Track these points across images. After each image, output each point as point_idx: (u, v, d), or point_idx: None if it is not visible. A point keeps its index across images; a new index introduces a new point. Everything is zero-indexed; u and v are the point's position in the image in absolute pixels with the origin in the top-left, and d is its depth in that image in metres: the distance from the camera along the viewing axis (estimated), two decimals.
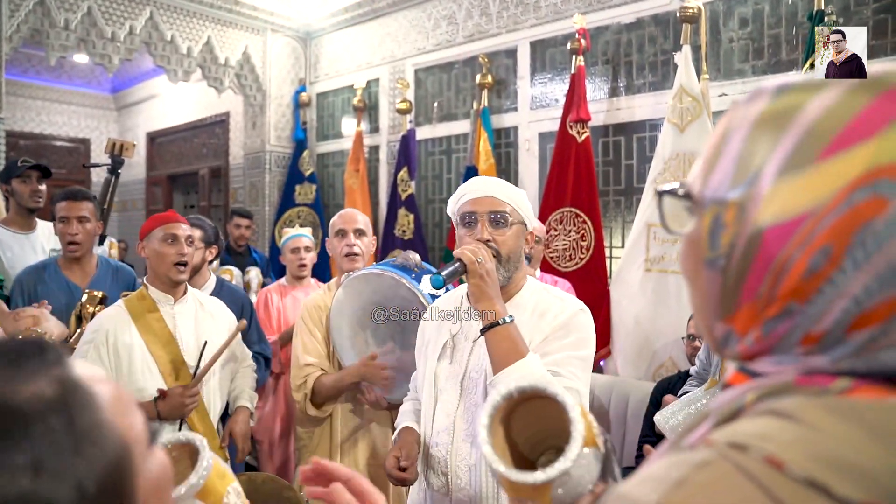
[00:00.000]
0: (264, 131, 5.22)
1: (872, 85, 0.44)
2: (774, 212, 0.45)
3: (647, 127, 3.41)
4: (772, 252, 0.45)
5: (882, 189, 0.41)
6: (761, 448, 0.41)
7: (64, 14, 4.09)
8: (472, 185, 1.51)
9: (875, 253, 0.42)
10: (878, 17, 2.69)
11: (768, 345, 0.48)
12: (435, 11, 4.39)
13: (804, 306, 0.45)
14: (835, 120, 0.44)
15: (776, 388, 0.46)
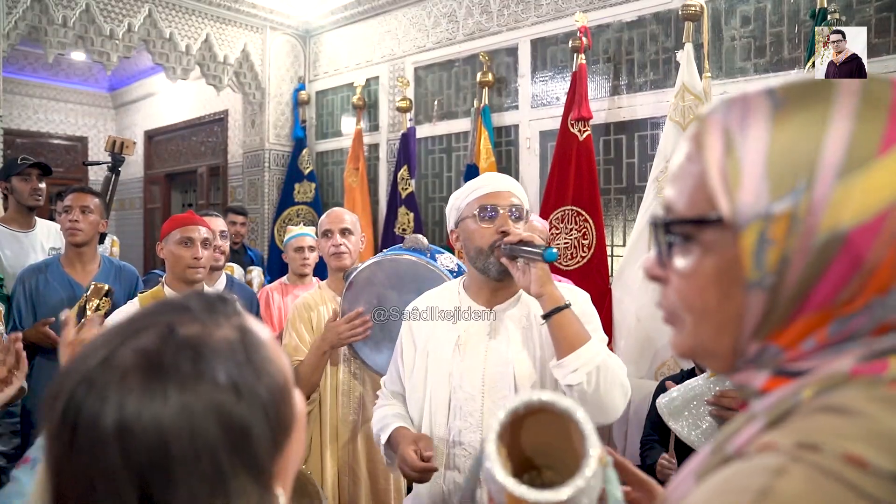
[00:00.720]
0: (263, 129, 5.21)
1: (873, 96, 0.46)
2: (854, 212, 0.44)
3: (648, 125, 3.40)
4: (861, 252, 0.44)
5: None
6: (835, 446, 0.40)
7: (62, 11, 4.07)
8: (488, 180, 1.52)
9: None
10: (880, 15, 2.69)
11: (834, 341, 0.47)
12: (435, 9, 4.38)
13: (884, 297, 0.45)
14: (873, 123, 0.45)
15: (831, 380, 0.45)
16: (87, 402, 0.51)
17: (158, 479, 0.50)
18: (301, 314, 2.27)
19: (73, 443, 0.51)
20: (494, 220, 1.46)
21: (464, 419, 1.46)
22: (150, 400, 0.51)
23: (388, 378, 1.68)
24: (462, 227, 1.52)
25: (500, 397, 1.43)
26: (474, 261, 1.49)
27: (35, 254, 2.99)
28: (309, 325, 2.26)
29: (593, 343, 1.35)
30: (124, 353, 0.53)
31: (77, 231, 2.53)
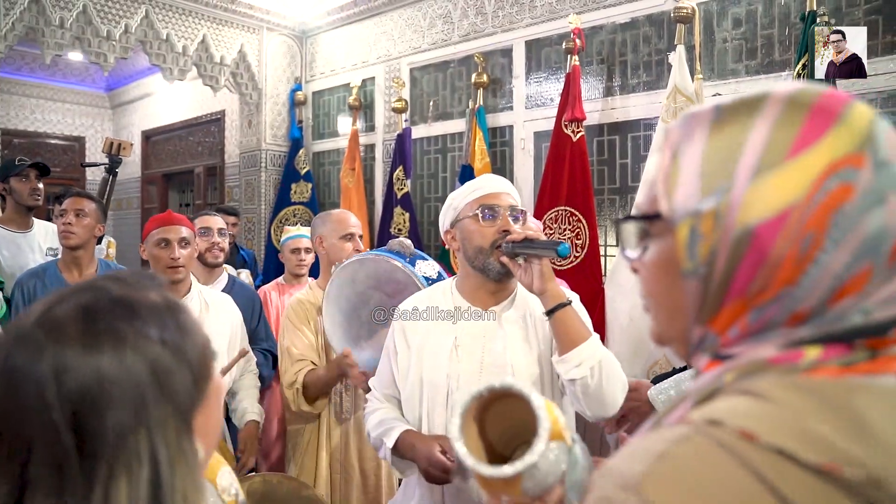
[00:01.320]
0: (260, 130, 5.23)
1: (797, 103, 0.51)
2: (760, 209, 0.50)
3: (641, 126, 3.43)
4: (765, 246, 0.49)
5: (847, 176, 0.48)
6: (734, 423, 0.46)
7: (59, 12, 4.08)
8: (488, 181, 1.55)
9: (849, 232, 0.48)
10: (869, 17, 2.72)
11: (755, 330, 0.52)
12: (430, 10, 4.40)
13: (793, 288, 0.49)
14: (789, 129, 0.50)
15: (752, 366, 0.50)
16: (25, 349, 0.58)
17: (90, 410, 0.57)
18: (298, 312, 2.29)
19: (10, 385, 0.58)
20: (495, 220, 1.48)
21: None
22: (85, 344, 0.59)
23: (378, 381, 1.67)
24: (459, 227, 1.53)
25: None
26: (473, 260, 1.51)
27: (33, 255, 3.01)
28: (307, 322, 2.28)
29: (594, 339, 1.39)
30: (61, 308, 0.61)
31: (71, 234, 2.54)
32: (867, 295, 0.49)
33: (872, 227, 0.48)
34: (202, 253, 2.70)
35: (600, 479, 0.49)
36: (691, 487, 0.44)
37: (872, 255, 0.48)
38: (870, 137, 0.49)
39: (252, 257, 4.66)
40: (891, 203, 0.48)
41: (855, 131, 0.49)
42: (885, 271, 0.48)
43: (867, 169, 0.48)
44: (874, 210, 0.48)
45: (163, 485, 0.59)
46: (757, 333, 0.52)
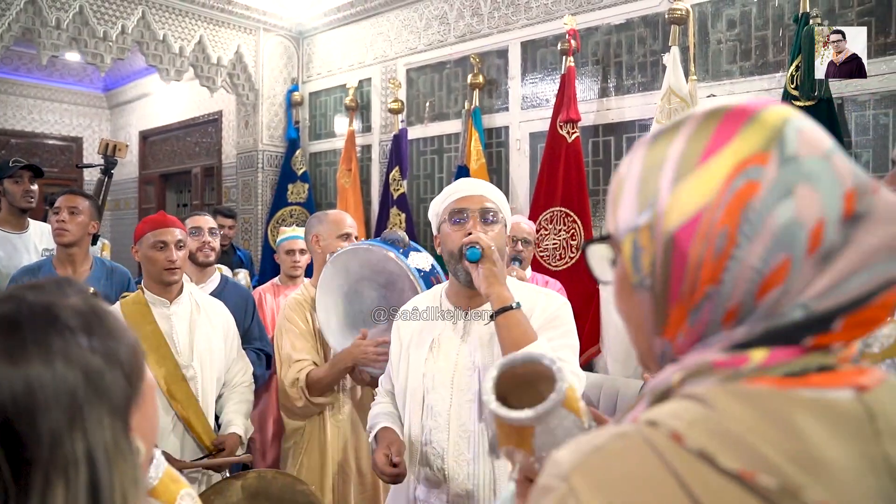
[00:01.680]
0: (257, 130, 5.23)
1: (713, 114, 0.55)
2: (677, 215, 0.53)
3: (636, 127, 3.44)
4: (684, 249, 0.52)
5: (752, 174, 0.51)
6: (669, 424, 0.48)
7: (55, 13, 4.08)
8: (461, 185, 1.56)
9: (760, 226, 0.50)
10: (861, 19, 2.73)
11: (697, 333, 0.54)
12: (427, 11, 4.41)
13: (718, 287, 0.52)
14: (701, 138, 0.54)
15: (698, 369, 0.52)
16: None
17: (21, 417, 0.58)
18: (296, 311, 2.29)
19: None
20: (464, 224, 1.49)
21: (434, 419, 1.49)
22: (10, 356, 0.59)
23: (383, 376, 1.74)
24: (441, 232, 1.55)
25: (466, 400, 1.47)
26: (448, 265, 1.53)
27: (28, 255, 3.01)
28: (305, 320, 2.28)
29: (539, 344, 1.35)
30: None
31: (64, 231, 2.54)
32: (797, 289, 0.50)
33: (782, 219, 0.50)
34: (193, 252, 2.71)
35: (546, 468, 0.52)
36: (612, 480, 0.47)
37: (788, 247, 0.49)
38: (778, 136, 0.51)
39: (249, 258, 4.66)
40: (800, 195, 0.50)
41: (762, 132, 0.52)
42: (807, 262, 0.50)
43: (772, 165, 0.50)
44: (782, 203, 0.50)
45: (101, 485, 0.60)
46: (701, 337, 0.54)
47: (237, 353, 2.29)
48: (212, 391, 2.15)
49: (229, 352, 2.22)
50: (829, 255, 0.50)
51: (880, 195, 0.51)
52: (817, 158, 0.51)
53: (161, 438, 1.97)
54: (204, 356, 2.12)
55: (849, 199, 0.50)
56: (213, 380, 2.16)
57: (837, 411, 0.48)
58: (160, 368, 2.01)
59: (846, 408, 0.48)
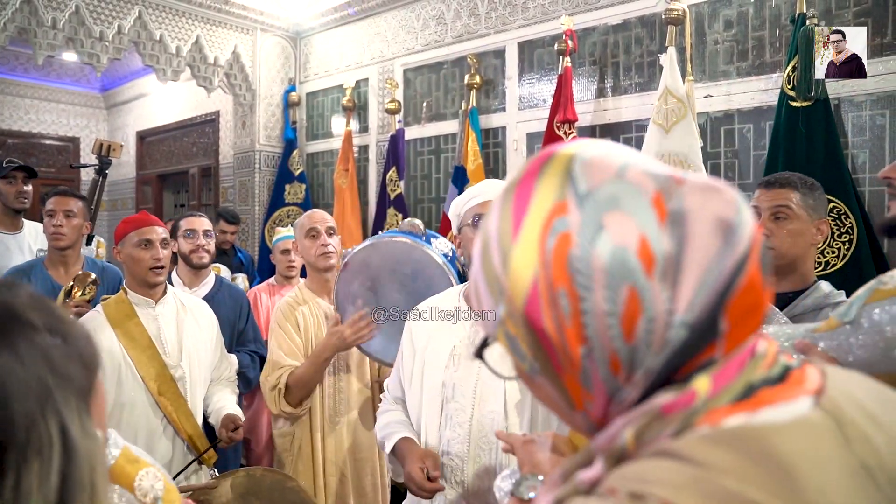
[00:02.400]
0: (254, 131, 5.22)
1: (510, 183, 0.55)
2: (519, 294, 0.52)
3: (633, 128, 3.43)
4: (539, 323, 0.51)
5: (559, 227, 0.50)
6: (657, 494, 0.44)
7: (51, 13, 4.07)
8: (485, 188, 1.52)
9: (590, 271, 0.48)
10: (858, 20, 2.72)
11: (602, 395, 0.52)
12: (424, 12, 4.40)
13: (589, 343, 0.50)
14: (504, 213, 0.54)
15: (649, 419, 0.49)
16: None
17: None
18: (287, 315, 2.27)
19: None
20: None
21: (453, 430, 1.45)
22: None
23: (390, 382, 1.67)
24: (462, 234, 1.53)
25: (489, 411, 1.42)
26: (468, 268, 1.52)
27: (22, 255, 3.00)
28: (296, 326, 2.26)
29: None
30: None
31: (61, 236, 2.54)
32: (661, 309, 0.48)
33: (605, 254, 0.48)
34: (187, 254, 2.68)
35: None
36: None
37: (625, 276, 0.48)
38: (566, 178, 0.51)
39: (249, 260, 4.66)
40: (609, 224, 0.49)
41: (552, 182, 0.51)
42: (652, 281, 0.48)
43: (573, 209, 0.50)
44: (598, 239, 0.48)
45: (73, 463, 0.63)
46: (608, 397, 0.51)
47: (221, 352, 2.27)
48: (200, 392, 2.14)
49: (214, 351, 2.21)
50: (670, 264, 0.48)
51: (687, 183, 0.50)
52: (610, 181, 0.50)
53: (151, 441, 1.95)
54: (192, 356, 2.11)
55: (658, 203, 0.49)
56: (201, 380, 2.14)
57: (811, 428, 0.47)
58: (150, 369, 1.99)
59: (817, 423, 0.47)
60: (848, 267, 2.49)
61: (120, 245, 2.07)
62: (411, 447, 1.48)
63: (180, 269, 2.76)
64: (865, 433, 0.48)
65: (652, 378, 0.49)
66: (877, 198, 2.67)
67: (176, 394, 2.01)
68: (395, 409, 1.64)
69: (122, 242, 2.07)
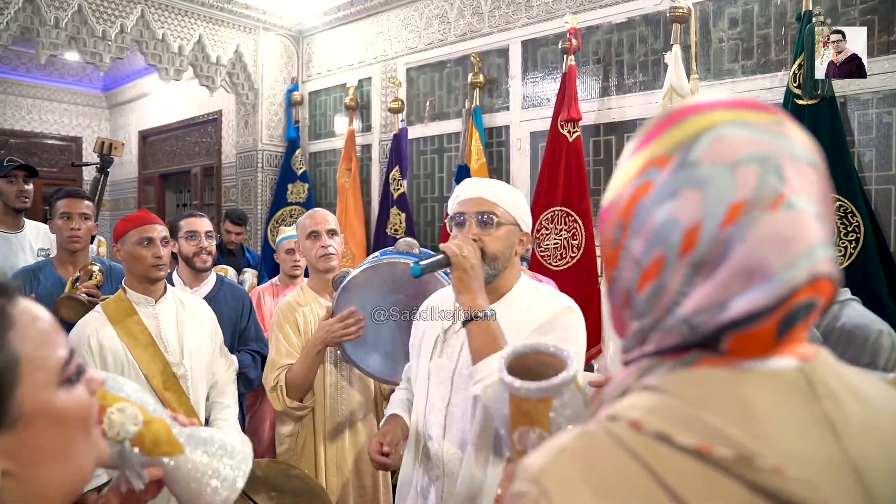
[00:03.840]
0: (256, 130, 5.22)
1: (673, 107, 0.58)
2: (605, 199, 0.59)
3: (637, 126, 3.42)
4: (602, 226, 0.60)
5: (650, 175, 0.54)
6: (627, 415, 0.52)
7: (54, 12, 4.07)
8: (463, 187, 1.54)
9: (645, 222, 0.54)
10: (864, 17, 2.70)
11: (616, 314, 0.60)
12: (427, 10, 4.39)
13: (616, 272, 0.57)
14: (643, 131, 0.58)
15: (651, 364, 0.56)
16: None
17: None
18: (287, 316, 2.27)
19: None
20: (463, 227, 1.48)
21: (433, 414, 1.51)
22: None
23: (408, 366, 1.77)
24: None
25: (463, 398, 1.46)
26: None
27: (24, 254, 2.99)
28: (295, 327, 2.25)
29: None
30: None
31: (78, 238, 2.55)
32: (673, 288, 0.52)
33: (661, 218, 0.53)
34: (190, 257, 2.65)
35: (517, 474, 0.54)
36: (580, 475, 0.49)
37: (663, 244, 0.52)
38: (688, 141, 0.53)
39: (257, 259, 4.65)
40: (683, 197, 0.52)
41: (677, 136, 0.54)
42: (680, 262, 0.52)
43: (668, 168, 0.53)
44: (665, 203, 0.52)
45: None
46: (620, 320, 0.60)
47: (220, 350, 2.26)
48: (202, 389, 2.13)
49: (213, 350, 2.20)
50: (703, 262, 0.51)
51: (774, 213, 0.49)
52: (718, 166, 0.51)
53: None
54: (194, 354, 2.10)
55: (734, 209, 0.50)
56: (202, 378, 2.14)
57: (781, 379, 0.51)
58: (152, 366, 1.98)
59: (788, 376, 0.51)
60: (855, 266, 2.48)
61: (120, 243, 2.06)
62: (389, 422, 1.64)
63: (181, 269, 2.75)
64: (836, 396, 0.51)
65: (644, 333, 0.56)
66: (883, 196, 2.66)
67: (179, 391, 2.01)
68: (405, 387, 1.76)
69: (122, 240, 2.06)
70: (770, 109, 0.54)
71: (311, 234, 2.31)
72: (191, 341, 2.10)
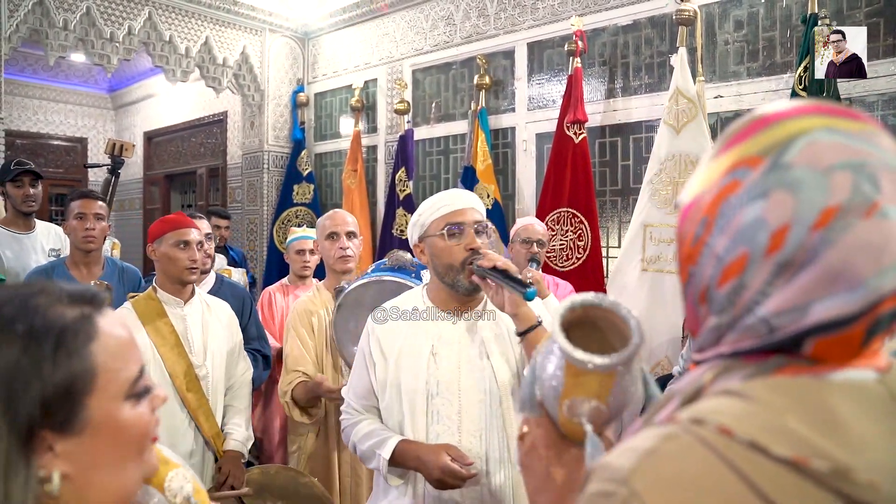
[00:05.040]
0: (262, 131, 5.24)
1: (765, 109, 0.58)
2: (686, 197, 0.60)
3: (643, 128, 3.44)
4: (681, 226, 0.60)
5: (738, 174, 0.55)
6: (715, 420, 0.51)
7: (63, 14, 4.10)
8: (452, 198, 1.54)
9: (731, 220, 0.54)
10: (870, 20, 2.72)
11: (690, 310, 0.61)
12: (433, 12, 4.41)
13: (696, 268, 0.58)
14: (733, 130, 0.59)
15: (728, 365, 0.56)
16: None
17: None
18: (301, 318, 2.29)
19: None
20: (461, 237, 1.49)
21: (442, 423, 1.49)
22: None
23: (353, 393, 1.63)
24: (428, 243, 1.54)
25: (476, 400, 1.48)
26: (443, 276, 1.52)
27: (36, 255, 3.02)
28: (310, 329, 2.28)
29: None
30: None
31: (93, 238, 2.58)
32: (754, 287, 0.53)
33: (749, 216, 0.53)
34: None
35: (595, 473, 0.54)
36: (673, 479, 0.49)
37: (749, 242, 0.53)
38: (782, 144, 0.53)
39: (241, 256, 4.67)
40: (773, 198, 0.52)
41: (770, 138, 0.54)
42: (765, 262, 0.52)
43: (759, 169, 0.54)
44: (755, 202, 0.53)
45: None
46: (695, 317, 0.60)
47: (239, 352, 2.29)
48: (221, 391, 2.16)
49: (232, 351, 2.23)
50: (788, 263, 0.51)
51: (867, 221, 0.50)
52: (812, 170, 0.51)
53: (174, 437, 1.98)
54: (215, 356, 2.14)
55: (826, 215, 0.50)
56: (221, 379, 2.17)
57: (865, 393, 0.51)
58: (177, 366, 2.02)
59: (872, 389, 0.52)
60: None
61: (155, 244, 2.10)
62: (419, 446, 1.47)
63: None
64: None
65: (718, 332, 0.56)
66: None
67: (200, 392, 2.04)
68: (369, 418, 1.61)
69: (158, 241, 2.10)
70: (861, 118, 0.54)
71: (330, 235, 2.34)
72: (213, 344, 2.14)
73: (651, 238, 3.08)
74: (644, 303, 3.05)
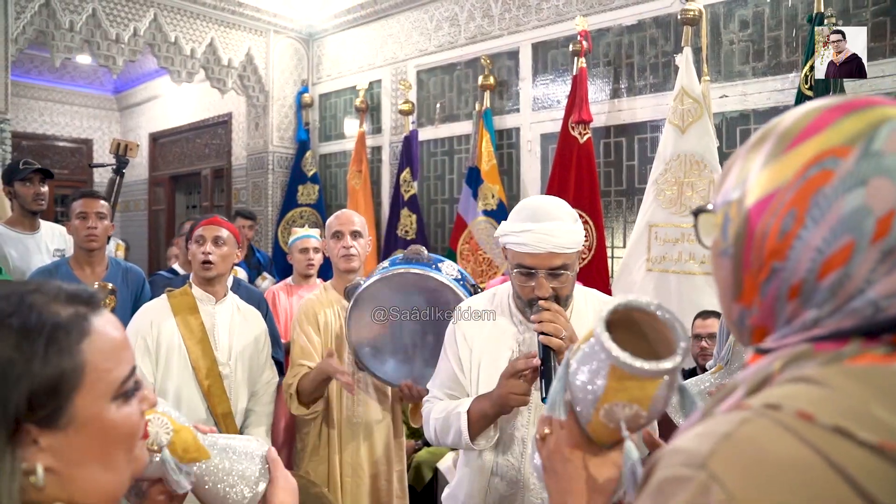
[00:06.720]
0: (267, 132, 5.25)
1: (826, 102, 0.58)
2: (756, 194, 0.58)
3: (648, 128, 3.43)
4: (755, 224, 0.58)
5: (828, 164, 0.54)
6: (792, 405, 0.50)
7: (69, 16, 4.11)
8: (532, 238, 1.45)
9: (827, 211, 0.53)
10: (876, 19, 2.71)
11: (768, 307, 0.58)
12: (437, 13, 4.42)
13: (784, 263, 0.56)
14: (799, 124, 0.58)
15: (799, 354, 0.55)
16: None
17: None
18: (308, 316, 2.30)
19: None
20: (531, 278, 1.47)
21: (508, 431, 1.55)
22: None
23: (438, 382, 1.66)
24: (509, 258, 1.54)
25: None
26: (515, 300, 1.56)
27: (40, 255, 3.03)
28: (316, 327, 2.28)
29: None
30: None
31: (95, 237, 2.59)
32: (860, 275, 0.52)
33: (850, 205, 0.53)
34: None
35: (665, 460, 0.53)
36: (755, 462, 0.48)
37: (853, 231, 0.52)
38: (869, 132, 0.53)
39: (267, 259, 4.68)
40: (873, 185, 0.52)
41: (854, 126, 0.54)
42: (871, 249, 0.52)
43: (851, 158, 0.53)
44: (853, 191, 0.53)
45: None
46: (773, 312, 0.58)
47: (266, 361, 2.31)
48: (243, 394, 2.19)
49: (258, 358, 2.26)
50: (894, 250, 0.52)
51: None
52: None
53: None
54: (240, 358, 2.19)
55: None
56: (244, 382, 2.20)
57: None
58: (202, 361, 2.08)
59: None
60: None
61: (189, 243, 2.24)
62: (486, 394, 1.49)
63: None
64: None
65: (814, 324, 0.55)
66: None
67: (221, 390, 2.09)
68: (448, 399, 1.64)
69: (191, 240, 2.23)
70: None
71: (335, 234, 2.35)
72: (239, 346, 2.18)
73: (656, 238, 3.07)
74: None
